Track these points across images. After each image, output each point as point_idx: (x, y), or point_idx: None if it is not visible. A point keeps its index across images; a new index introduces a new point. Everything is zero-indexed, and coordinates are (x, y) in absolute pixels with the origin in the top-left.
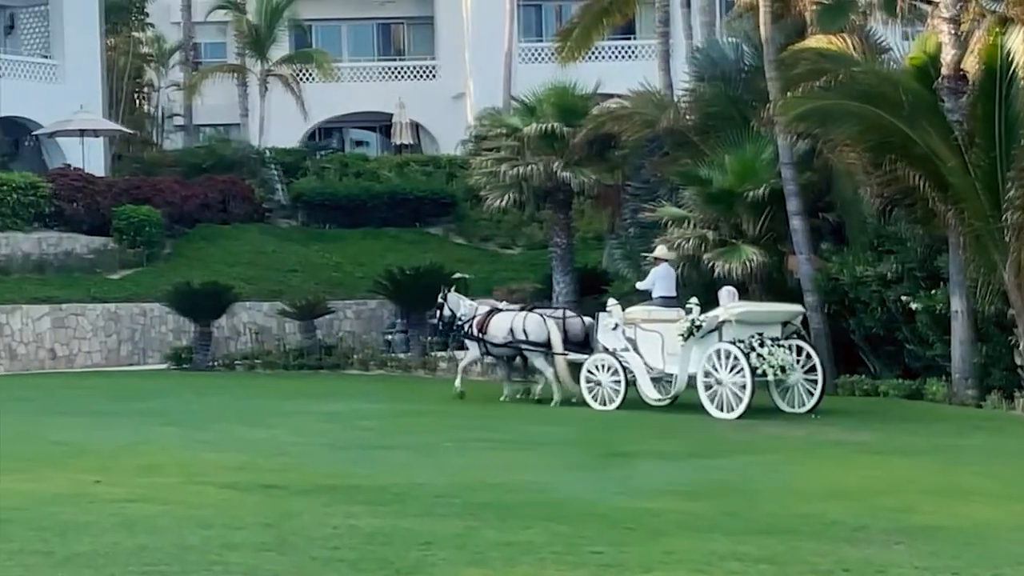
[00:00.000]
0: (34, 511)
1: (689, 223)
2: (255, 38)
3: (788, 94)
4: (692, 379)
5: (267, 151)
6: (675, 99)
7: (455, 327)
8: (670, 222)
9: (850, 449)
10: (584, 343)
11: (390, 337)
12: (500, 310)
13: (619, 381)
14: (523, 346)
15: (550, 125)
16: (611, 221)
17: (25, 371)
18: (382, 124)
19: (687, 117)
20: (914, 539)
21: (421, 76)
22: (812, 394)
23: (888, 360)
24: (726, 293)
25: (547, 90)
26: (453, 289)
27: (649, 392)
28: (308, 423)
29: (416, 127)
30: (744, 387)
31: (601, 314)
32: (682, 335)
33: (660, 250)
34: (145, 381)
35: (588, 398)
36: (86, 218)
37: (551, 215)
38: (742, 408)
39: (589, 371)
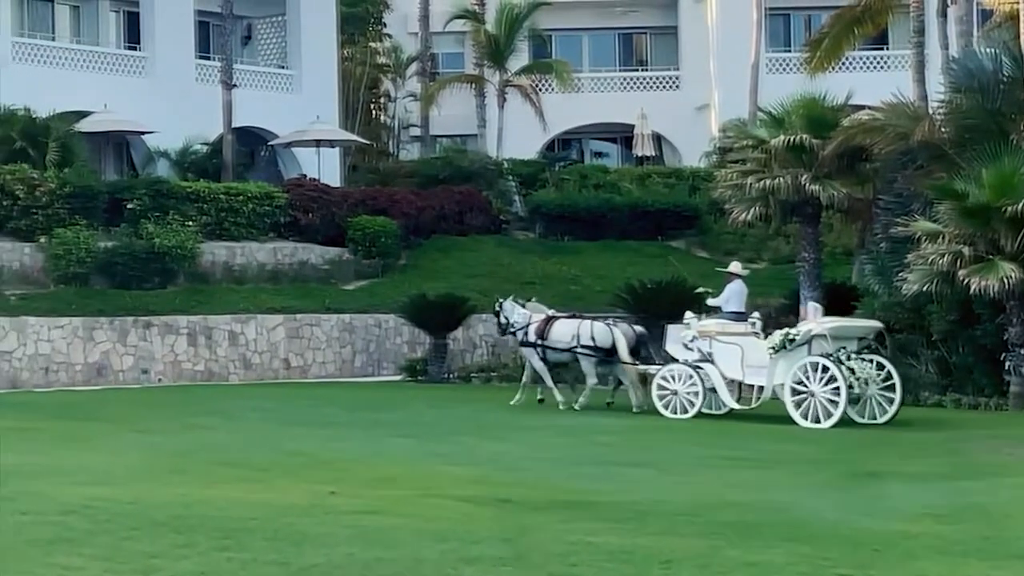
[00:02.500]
0: (269, 521)
1: (943, 238)
2: (494, 48)
3: None
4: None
5: (505, 162)
6: (930, 111)
7: (511, 333)
8: (923, 237)
9: None
10: (635, 351)
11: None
12: (558, 317)
13: (697, 391)
14: (586, 352)
15: (799, 137)
16: (861, 236)
17: (259, 381)
18: (622, 135)
19: (942, 129)
20: None
21: (663, 87)
22: (886, 409)
23: None
24: (812, 308)
25: (796, 101)
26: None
27: (729, 401)
28: (544, 437)
29: (658, 138)
30: (836, 398)
31: (671, 326)
32: (773, 347)
33: (734, 266)
34: (379, 392)
35: (660, 407)
36: (321, 228)
37: (798, 229)
38: (834, 419)
39: (662, 381)
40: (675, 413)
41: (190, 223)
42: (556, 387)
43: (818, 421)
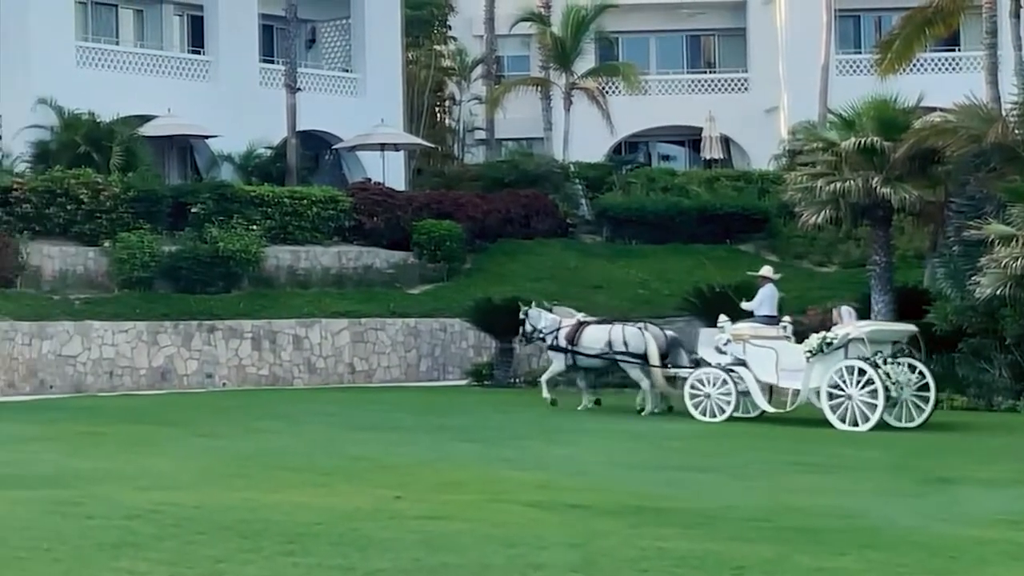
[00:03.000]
0: (334, 526)
1: (1017, 241)
2: (560, 51)
3: None
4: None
5: (571, 165)
6: (1003, 113)
7: (539, 339)
8: (996, 240)
9: None
10: (664, 355)
11: (698, 356)
12: (588, 322)
13: (729, 394)
14: (620, 357)
15: (869, 139)
16: (933, 239)
17: (324, 385)
18: (690, 138)
19: (1016, 131)
20: None
21: (732, 89)
22: (922, 410)
23: None
24: (846, 312)
25: (866, 103)
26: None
27: (763, 404)
28: (612, 441)
29: (726, 141)
30: (874, 401)
31: (703, 330)
32: (810, 351)
33: (766, 270)
34: (444, 397)
35: (692, 409)
36: (386, 232)
37: (869, 232)
38: (872, 422)
39: (695, 384)
40: (708, 416)
41: (254, 227)
42: (586, 390)
43: (855, 424)
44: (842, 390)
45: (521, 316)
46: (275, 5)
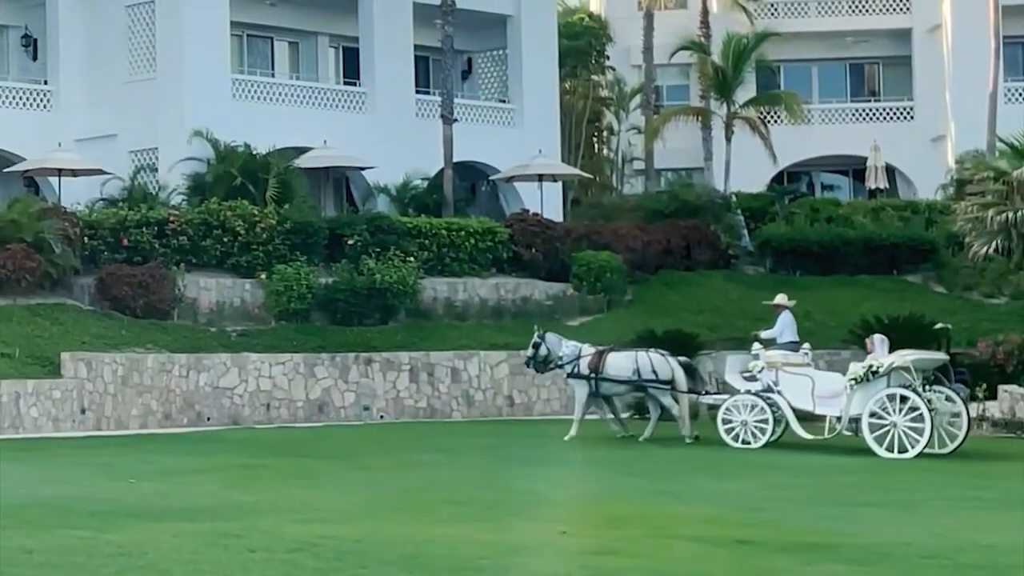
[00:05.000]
0: (499, 560)
1: None
2: (720, 80)
3: None
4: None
5: (732, 196)
6: None
7: (555, 367)
8: None
9: None
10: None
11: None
12: (607, 350)
13: (766, 420)
14: (649, 384)
15: None
16: None
17: (482, 418)
18: (853, 167)
19: None
20: None
21: (896, 117)
22: (956, 436)
23: None
24: (879, 340)
25: None
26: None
27: (801, 432)
28: (779, 476)
29: (891, 170)
30: (920, 429)
31: (730, 356)
32: (855, 379)
33: (780, 298)
34: (605, 430)
35: (725, 436)
36: (544, 264)
37: None
38: (919, 449)
39: (728, 411)
40: (740, 443)
41: (411, 259)
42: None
43: (902, 451)
44: (885, 417)
45: (536, 340)
46: (430, 36)
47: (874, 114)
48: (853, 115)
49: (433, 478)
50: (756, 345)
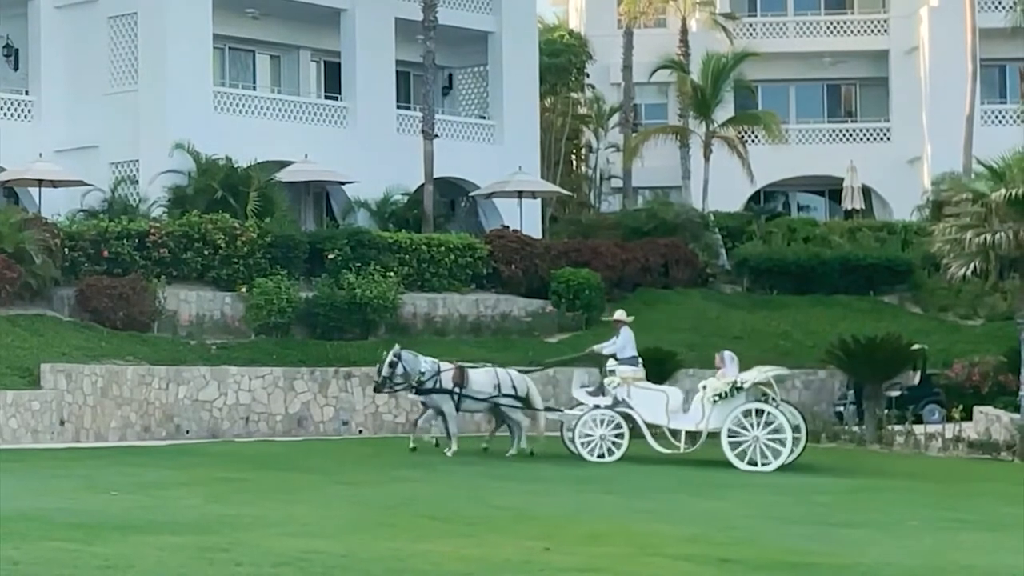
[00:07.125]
0: None
1: None
2: (699, 99)
3: None
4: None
5: (710, 215)
6: None
7: (411, 386)
8: None
9: None
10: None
11: (841, 409)
12: (464, 366)
13: (621, 435)
14: (507, 400)
15: (1021, 190)
16: None
17: (461, 434)
18: (829, 188)
19: None
20: None
21: (873, 138)
22: (793, 451)
23: None
24: (728, 357)
25: (1016, 154)
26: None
27: (654, 445)
28: (757, 495)
29: (867, 191)
30: (780, 442)
31: (576, 371)
32: (719, 395)
33: (619, 314)
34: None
35: (582, 450)
36: (524, 280)
37: (1017, 285)
38: (780, 462)
39: (585, 425)
40: (596, 456)
41: (391, 274)
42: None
43: (762, 464)
44: (746, 431)
45: (392, 359)
46: (412, 52)
47: (851, 135)
48: (830, 135)
49: (415, 493)
50: (612, 361)
